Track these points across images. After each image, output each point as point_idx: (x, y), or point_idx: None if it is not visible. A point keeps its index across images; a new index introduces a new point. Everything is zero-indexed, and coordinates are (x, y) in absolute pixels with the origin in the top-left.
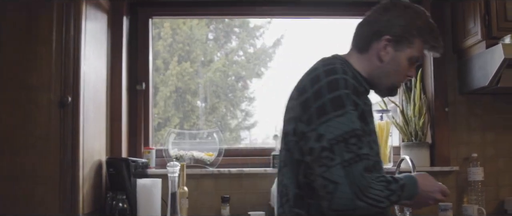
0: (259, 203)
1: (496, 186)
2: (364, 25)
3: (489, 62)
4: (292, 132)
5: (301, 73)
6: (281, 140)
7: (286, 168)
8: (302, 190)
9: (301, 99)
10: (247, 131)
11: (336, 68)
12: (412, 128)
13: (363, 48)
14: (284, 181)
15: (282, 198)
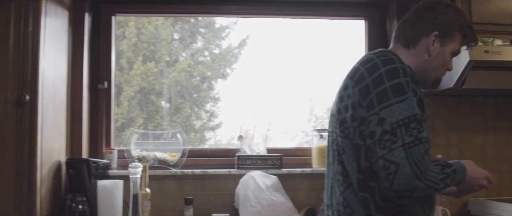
0: (223, 205)
1: None
2: (410, 22)
3: (454, 63)
4: (350, 118)
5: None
6: (333, 130)
7: (345, 155)
8: (365, 174)
9: (359, 86)
10: (212, 132)
11: (393, 58)
12: None
13: (410, 43)
14: (340, 170)
15: (340, 186)
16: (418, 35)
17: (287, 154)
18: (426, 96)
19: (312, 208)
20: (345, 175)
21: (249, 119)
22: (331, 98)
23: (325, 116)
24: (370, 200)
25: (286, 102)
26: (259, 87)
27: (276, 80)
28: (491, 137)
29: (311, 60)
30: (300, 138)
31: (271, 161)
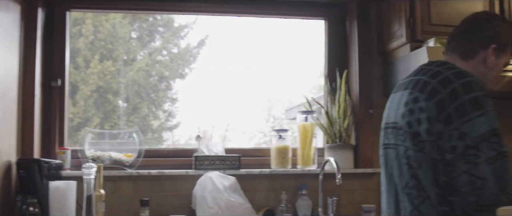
0: (180, 206)
1: None
2: (468, 35)
3: (413, 64)
4: (425, 132)
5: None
6: (399, 143)
7: (421, 169)
8: (443, 189)
9: (434, 100)
10: (169, 132)
11: (463, 71)
12: (337, 130)
13: (468, 55)
14: (413, 183)
15: (413, 200)
16: (476, 48)
17: (246, 155)
18: (384, 96)
19: (270, 209)
20: (420, 189)
21: (207, 119)
22: (288, 99)
23: (283, 117)
24: (450, 214)
25: (245, 103)
26: (217, 87)
27: (235, 80)
28: None
29: (270, 60)
30: (258, 138)
31: (229, 161)
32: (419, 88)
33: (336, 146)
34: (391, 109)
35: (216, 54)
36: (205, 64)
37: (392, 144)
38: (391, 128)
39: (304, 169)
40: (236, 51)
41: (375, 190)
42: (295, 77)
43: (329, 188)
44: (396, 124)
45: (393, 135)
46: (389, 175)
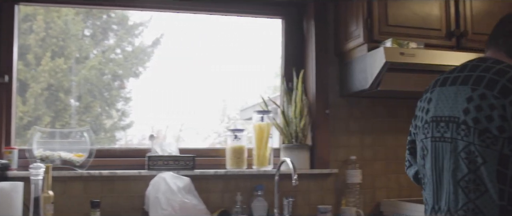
0: (133, 208)
1: (373, 188)
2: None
3: (370, 65)
4: (496, 129)
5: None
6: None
7: (486, 164)
8: (506, 184)
9: (509, 99)
10: (122, 131)
11: None
12: (293, 130)
13: None
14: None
15: (468, 194)
16: None
17: (200, 155)
18: (341, 97)
19: (225, 211)
20: (479, 183)
21: (161, 119)
22: (243, 99)
23: (237, 117)
24: (509, 207)
25: (199, 103)
26: (172, 87)
27: (189, 80)
28: (403, 139)
29: (225, 60)
30: (212, 138)
31: (184, 161)
32: (485, 85)
33: (292, 146)
34: (443, 102)
35: (171, 53)
36: (160, 63)
37: (448, 138)
38: (444, 122)
39: (260, 169)
40: (192, 50)
41: (331, 190)
42: (250, 77)
43: (285, 189)
44: (456, 118)
45: (450, 129)
46: (439, 168)
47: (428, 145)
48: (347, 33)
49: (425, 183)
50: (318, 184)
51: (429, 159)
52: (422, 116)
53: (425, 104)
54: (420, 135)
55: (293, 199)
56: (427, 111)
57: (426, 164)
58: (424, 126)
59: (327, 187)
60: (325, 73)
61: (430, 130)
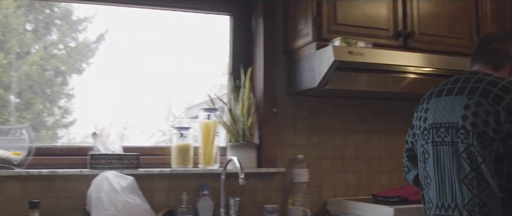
0: (74, 208)
1: (319, 187)
2: (497, 50)
3: (318, 63)
4: (492, 132)
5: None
6: (459, 141)
7: (486, 162)
8: (504, 178)
9: (501, 105)
10: (65, 129)
11: None
12: (240, 128)
13: (499, 67)
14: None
15: (473, 189)
16: (504, 61)
17: (145, 153)
18: (289, 95)
19: (170, 210)
20: (480, 180)
21: (105, 116)
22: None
23: (183, 116)
24: (508, 199)
25: (144, 100)
26: (116, 84)
27: (134, 77)
28: (350, 138)
29: (171, 57)
30: (157, 137)
31: (127, 160)
32: (480, 94)
33: (239, 145)
34: (440, 111)
35: (116, 49)
36: (104, 60)
37: (448, 141)
38: (444, 128)
39: (206, 168)
40: (137, 47)
41: (278, 189)
42: (196, 75)
43: (232, 188)
44: (455, 124)
45: (449, 134)
46: (442, 169)
47: (429, 149)
48: (296, 31)
49: (428, 183)
50: (265, 183)
51: (431, 161)
52: (420, 125)
53: (422, 114)
54: (420, 141)
55: (239, 199)
56: (425, 119)
57: (427, 166)
58: (423, 132)
59: (274, 186)
60: (273, 71)
61: (430, 135)
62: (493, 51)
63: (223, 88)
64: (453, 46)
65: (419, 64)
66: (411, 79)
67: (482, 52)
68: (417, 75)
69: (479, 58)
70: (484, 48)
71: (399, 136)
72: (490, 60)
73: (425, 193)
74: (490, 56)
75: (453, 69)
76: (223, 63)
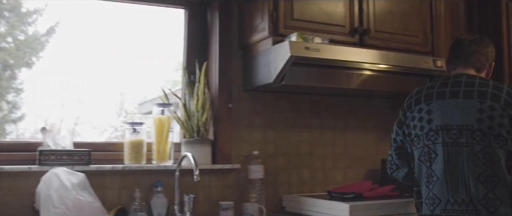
0: (22, 206)
1: (275, 184)
2: (481, 54)
3: (275, 59)
4: (506, 133)
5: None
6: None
7: (501, 161)
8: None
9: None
10: (13, 124)
11: None
12: (194, 124)
13: (482, 69)
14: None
15: (487, 185)
16: (485, 64)
17: (96, 149)
18: (244, 91)
19: (123, 208)
20: (494, 176)
21: (55, 111)
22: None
23: (135, 111)
24: None
25: (95, 95)
26: (67, 79)
27: (85, 71)
28: (305, 134)
29: (123, 51)
30: (109, 133)
31: (78, 156)
32: (491, 98)
33: (193, 141)
34: (449, 113)
35: (67, 42)
36: (54, 53)
37: (463, 143)
38: (456, 130)
39: (159, 165)
40: (88, 41)
41: (234, 186)
42: (149, 71)
43: (186, 185)
44: (469, 126)
45: (463, 135)
46: (453, 168)
47: (438, 149)
48: (252, 26)
49: (434, 182)
50: (220, 180)
51: (441, 160)
52: (422, 125)
53: (423, 115)
54: (423, 142)
55: (194, 196)
56: (430, 120)
57: (434, 165)
58: (429, 133)
59: (229, 183)
60: (229, 66)
61: (439, 137)
62: (477, 54)
63: (177, 84)
64: (408, 44)
65: (375, 60)
66: (366, 76)
67: (466, 55)
68: (373, 72)
69: (462, 61)
70: (467, 51)
71: (354, 132)
72: (475, 62)
73: (426, 190)
74: (475, 59)
75: (408, 66)
76: (177, 59)
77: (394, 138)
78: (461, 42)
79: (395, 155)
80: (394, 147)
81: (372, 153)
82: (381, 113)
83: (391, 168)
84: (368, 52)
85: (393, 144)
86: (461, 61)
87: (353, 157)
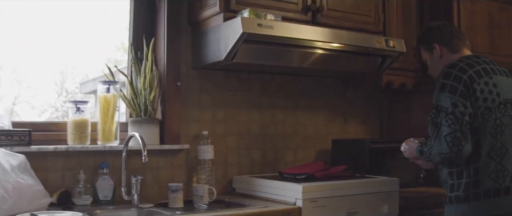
0: None
1: (225, 164)
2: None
3: (226, 35)
4: None
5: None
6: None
7: None
8: None
9: None
10: None
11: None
12: (142, 103)
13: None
14: None
15: None
16: None
17: (37, 129)
18: (193, 69)
19: (66, 191)
20: None
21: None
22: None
23: (76, 91)
24: None
25: (35, 74)
26: (4, 57)
27: (24, 49)
28: (256, 114)
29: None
30: (49, 113)
31: (18, 136)
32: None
33: (140, 120)
34: (504, 88)
35: (4, 20)
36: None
37: None
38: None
39: (105, 145)
40: (28, 18)
41: (182, 167)
42: (90, 49)
43: (133, 166)
44: None
45: None
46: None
47: (507, 121)
48: (202, 1)
49: (503, 153)
50: (168, 161)
51: (509, 133)
52: (493, 98)
53: (492, 88)
54: (495, 114)
55: (141, 177)
56: (498, 94)
57: (505, 137)
58: (500, 106)
59: (177, 164)
60: (177, 43)
61: (506, 109)
62: (462, 35)
63: (119, 63)
64: (360, 23)
65: (329, 39)
66: (318, 55)
67: (464, 38)
68: (325, 51)
69: (464, 43)
70: (461, 34)
71: (305, 112)
72: (468, 43)
73: (492, 163)
74: (465, 39)
75: (361, 46)
76: (120, 36)
77: (461, 111)
78: (448, 27)
79: (466, 130)
80: (465, 121)
81: (323, 133)
82: (332, 93)
83: (461, 145)
84: (321, 31)
85: (461, 118)
86: (463, 43)
87: (303, 137)
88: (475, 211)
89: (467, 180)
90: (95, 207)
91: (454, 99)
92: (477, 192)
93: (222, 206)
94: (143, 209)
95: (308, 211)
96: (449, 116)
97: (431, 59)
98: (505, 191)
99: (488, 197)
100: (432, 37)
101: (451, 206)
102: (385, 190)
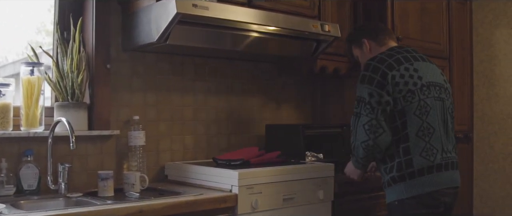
0: None
1: (156, 151)
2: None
3: (159, 16)
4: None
5: None
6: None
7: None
8: None
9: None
10: None
11: None
12: (69, 86)
13: None
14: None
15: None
16: None
17: None
18: (124, 51)
19: None
20: (452, 128)
21: None
22: (2, 54)
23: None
24: None
25: None
26: None
27: None
28: (189, 99)
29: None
30: None
31: None
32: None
33: (67, 104)
34: (427, 72)
35: None
36: None
37: (443, 98)
38: (438, 86)
39: (29, 131)
40: None
41: (112, 154)
42: (9, 31)
43: (60, 153)
44: (441, 84)
45: (442, 92)
46: (441, 120)
47: (431, 102)
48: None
49: (431, 133)
50: (97, 147)
51: (435, 113)
52: (414, 81)
53: (412, 73)
54: (419, 96)
55: (69, 165)
56: (420, 77)
57: (430, 118)
58: (422, 88)
59: (107, 151)
60: (107, 24)
61: (430, 91)
62: (389, 30)
63: (42, 46)
64: (295, 7)
65: (265, 22)
66: (253, 38)
67: (389, 32)
68: (260, 34)
69: (390, 36)
70: (386, 28)
71: (238, 97)
72: (394, 37)
73: (421, 143)
74: (392, 34)
75: (297, 30)
76: (41, 19)
77: (377, 101)
78: (374, 23)
79: (382, 117)
80: (381, 110)
81: (256, 118)
82: (266, 78)
83: (377, 132)
84: (257, 13)
85: (377, 107)
86: (390, 36)
87: (237, 123)
88: (412, 189)
89: (398, 159)
90: (19, 197)
91: (371, 89)
92: (412, 171)
93: (155, 194)
94: (71, 198)
95: (244, 198)
96: (366, 106)
97: (361, 54)
98: (437, 168)
99: (422, 175)
100: (360, 34)
101: (389, 189)
102: (321, 175)
